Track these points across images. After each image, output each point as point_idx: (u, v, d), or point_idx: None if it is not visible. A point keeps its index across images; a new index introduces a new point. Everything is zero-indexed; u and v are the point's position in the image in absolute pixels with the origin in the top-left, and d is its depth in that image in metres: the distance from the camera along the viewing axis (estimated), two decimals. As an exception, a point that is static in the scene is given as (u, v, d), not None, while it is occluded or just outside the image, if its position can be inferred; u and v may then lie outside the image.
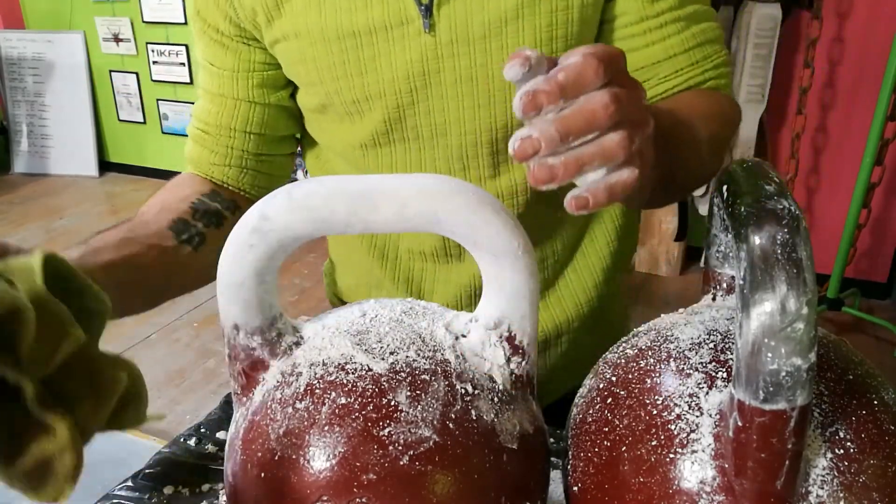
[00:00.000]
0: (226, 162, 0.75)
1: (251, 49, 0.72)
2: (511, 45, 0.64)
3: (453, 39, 0.65)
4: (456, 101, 0.67)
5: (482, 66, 0.66)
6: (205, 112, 0.76)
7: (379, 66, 0.66)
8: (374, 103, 0.68)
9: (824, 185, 2.78)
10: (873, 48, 2.50)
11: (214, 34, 0.73)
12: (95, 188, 4.29)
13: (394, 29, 0.65)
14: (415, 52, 0.65)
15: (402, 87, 0.67)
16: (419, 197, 0.41)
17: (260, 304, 0.44)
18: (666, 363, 0.42)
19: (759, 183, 0.37)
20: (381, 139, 0.71)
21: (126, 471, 0.66)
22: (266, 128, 0.75)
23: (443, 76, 0.66)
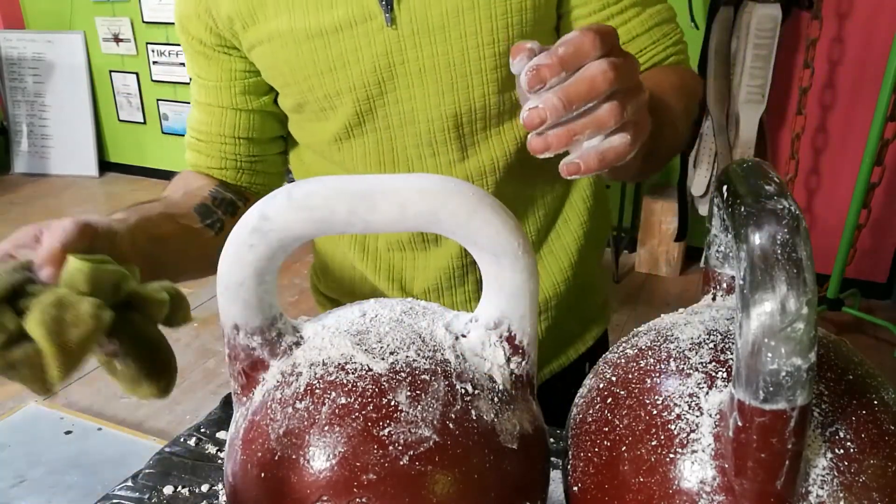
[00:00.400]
0: (222, 165, 0.81)
1: (232, 58, 0.77)
2: (468, 34, 0.68)
3: (414, 31, 0.68)
4: (422, 89, 0.71)
5: (443, 54, 0.69)
6: (196, 121, 0.82)
7: (347, 63, 0.70)
8: (344, 98, 0.72)
9: (824, 185, 2.78)
10: (873, 48, 2.50)
11: (198, 46, 0.77)
12: (95, 188, 4.29)
13: (358, 25, 0.69)
14: (379, 47, 0.69)
15: (370, 79, 0.71)
16: (419, 197, 0.41)
17: (260, 304, 0.44)
18: (666, 363, 0.42)
19: (759, 183, 0.37)
20: (354, 131, 0.75)
21: (126, 471, 0.66)
22: (253, 132, 0.80)
23: (407, 67, 0.70)
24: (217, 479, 0.63)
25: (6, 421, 0.76)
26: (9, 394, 2.25)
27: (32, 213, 3.88)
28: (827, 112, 2.67)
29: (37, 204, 4.04)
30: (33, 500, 0.65)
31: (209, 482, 0.63)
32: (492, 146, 0.75)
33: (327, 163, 0.81)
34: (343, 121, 0.74)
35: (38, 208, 3.96)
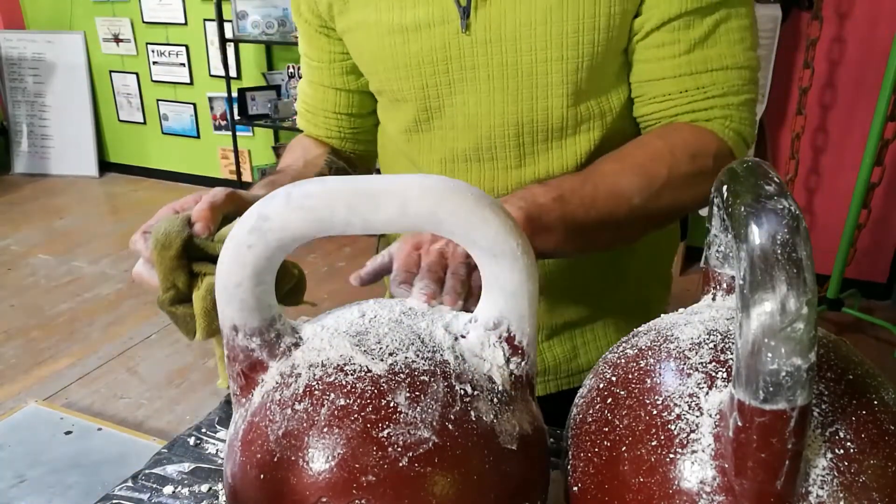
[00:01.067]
0: (329, 135, 0.89)
1: (331, 40, 0.83)
2: (538, 47, 0.70)
3: (487, 39, 0.71)
4: (488, 94, 0.74)
5: (512, 64, 0.71)
6: (306, 95, 0.90)
7: (421, 61, 0.74)
8: (416, 93, 0.76)
9: (824, 185, 2.78)
10: (873, 48, 2.50)
11: (305, 26, 0.84)
12: (95, 188, 4.29)
13: (435, 27, 0.72)
14: (453, 50, 0.72)
15: (441, 80, 0.75)
16: (419, 197, 0.41)
17: (258, 304, 0.44)
18: (666, 363, 0.42)
19: (759, 183, 0.37)
20: (422, 126, 0.79)
21: (126, 471, 0.66)
22: (353, 108, 0.88)
23: (477, 72, 0.73)
24: (217, 479, 0.63)
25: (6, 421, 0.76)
26: (9, 394, 2.25)
27: (32, 213, 3.88)
28: (827, 112, 2.67)
29: (37, 204, 4.03)
30: (33, 500, 0.65)
31: (209, 482, 0.63)
32: (550, 158, 0.76)
33: (397, 151, 0.86)
34: (412, 114, 0.78)
35: (38, 208, 3.96)
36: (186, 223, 0.56)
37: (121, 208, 4.05)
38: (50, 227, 3.70)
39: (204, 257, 0.56)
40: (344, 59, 0.84)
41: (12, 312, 2.83)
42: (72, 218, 3.82)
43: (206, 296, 0.54)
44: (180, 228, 0.55)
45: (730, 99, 0.70)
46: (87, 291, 2.99)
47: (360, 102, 0.87)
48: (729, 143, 0.71)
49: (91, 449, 0.72)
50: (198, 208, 0.58)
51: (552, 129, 0.74)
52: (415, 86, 0.76)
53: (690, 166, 0.69)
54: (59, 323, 2.75)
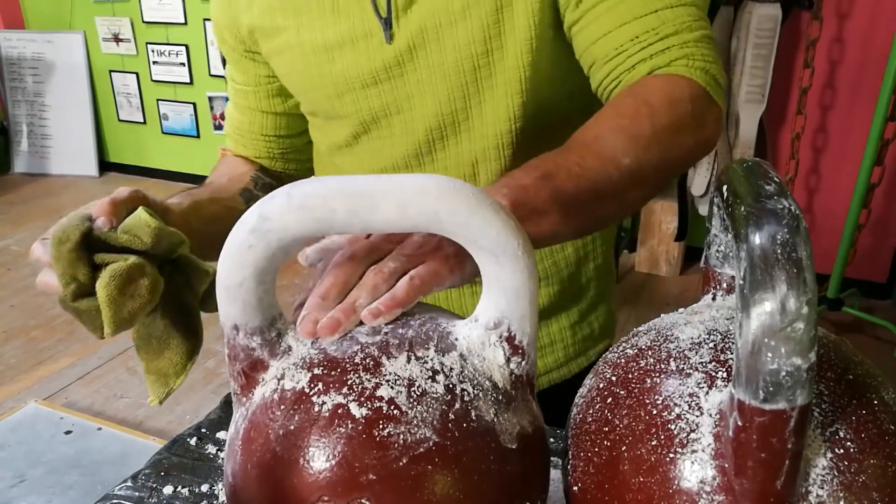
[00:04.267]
0: (258, 155, 0.88)
1: (258, 64, 0.82)
2: (462, 44, 0.70)
3: (412, 45, 0.71)
4: (421, 99, 0.74)
5: (439, 65, 0.72)
6: (234, 119, 0.89)
7: (349, 77, 0.74)
8: (349, 108, 0.76)
9: (824, 185, 2.78)
10: (873, 48, 2.50)
11: (230, 52, 0.83)
12: (95, 188, 4.29)
13: (359, 42, 0.72)
14: (378, 62, 0.72)
15: (372, 92, 0.75)
16: (419, 197, 0.41)
17: (259, 304, 0.44)
18: (666, 363, 0.42)
19: (759, 183, 0.37)
20: (361, 139, 0.79)
21: (126, 471, 0.66)
22: (283, 130, 0.87)
23: (406, 78, 0.73)
24: (217, 479, 0.63)
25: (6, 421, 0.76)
26: (9, 394, 2.25)
27: (32, 213, 3.88)
28: (827, 112, 2.67)
29: (37, 204, 4.03)
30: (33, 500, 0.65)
31: (209, 482, 0.63)
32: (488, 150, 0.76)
33: (332, 166, 0.86)
34: (350, 130, 0.78)
35: (38, 208, 3.96)
36: (86, 218, 0.54)
37: (121, 208, 4.04)
38: (50, 227, 3.70)
39: (106, 248, 0.54)
40: (271, 83, 0.83)
41: (12, 312, 2.83)
42: (72, 218, 3.82)
43: (110, 283, 0.51)
44: (78, 222, 0.53)
45: (684, 36, 0.65)
46: (87, 291, 2.99)
47: (290, 124, 0.87)
48: (700, 83, 0.65)
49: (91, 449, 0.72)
50: (98, 203, 0.56)
51: (487, 123, 0.74)
52: (347, 102, 0.76)
53: (671, 116, 0.63)
54: (60, 323, 2.75)
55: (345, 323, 0.45)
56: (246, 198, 0.80)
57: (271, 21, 0.75)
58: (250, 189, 0.81)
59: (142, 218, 0.54)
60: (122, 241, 0.53)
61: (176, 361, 0.58)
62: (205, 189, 0.75)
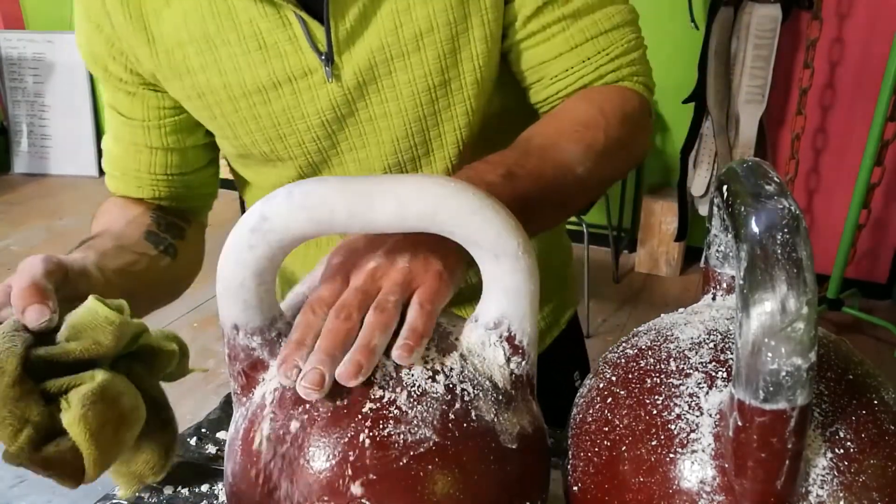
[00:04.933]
0: (155, 196, 0.76)
1: (159, 95, 0.70)
2: (417, 76, 0.65)
3: (360, 82, 0.65)
4: (375, 135, 0.68)
5: (393, 100, 0.66)
6: (117, 158, 0.75)
7: (291, 118, 0.67)
8: (294, 150, 0.69)
9: (824, 185, 2.78)
10: (873, 49, 2.50)
11: (118, 83, 0.70)
12: (95, 188, 4.29)
13: (298, 80, 0.65)
14: (324, 101, 0.66)
15: (320, 133, 0.68)
16: (419, 197, 0.41)
17: (260, 304, 0.44)
18: (666, 363, 0.42)
19: (759, 183, 0.37)
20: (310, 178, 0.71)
21: (126, 471, 0.66)
22: (180, 168, 0.75)
23: (358, 116, 0.67)
24: (217, 479, 0.63)
25: (6, 421, 0.76)
26: (9, 394, 2.25)
27: (32, 213, 3.88)
28: (827, 112, 2.67)
29: (37, 204, 4.03)
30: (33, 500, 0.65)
31: (209, 482, 0.63)
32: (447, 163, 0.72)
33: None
34: (294, 172, 0.71)
35: (38, 208, 3.96)
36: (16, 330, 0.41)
37: (121, 208, 4.04)
38: (50, 227, 3.70)
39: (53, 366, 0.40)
40: (175, 115, 0.71)
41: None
42: (72, 218, 3.82)
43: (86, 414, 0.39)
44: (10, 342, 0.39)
45: (632, 55, 0.68)
46: (87, 291, 2.99)
47: (188, 160, 0.75)
48: (646, 97, 0.70)
49: (91, 449, 0.72)
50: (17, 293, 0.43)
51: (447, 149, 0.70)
52: (291, 144, 0.68)
53: (621, 129, 0.65)
54: (59, 323, 2.74)
55: (366, 365, 0.41)
56: (154, 242, 0.70)
57: (182, 61, 0.65)
58: (154, 231, 0.71)
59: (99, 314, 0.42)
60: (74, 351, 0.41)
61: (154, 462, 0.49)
62: (105, 239, 0.65)
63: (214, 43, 0.64)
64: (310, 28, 0.62)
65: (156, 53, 0.65)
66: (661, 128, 2.98)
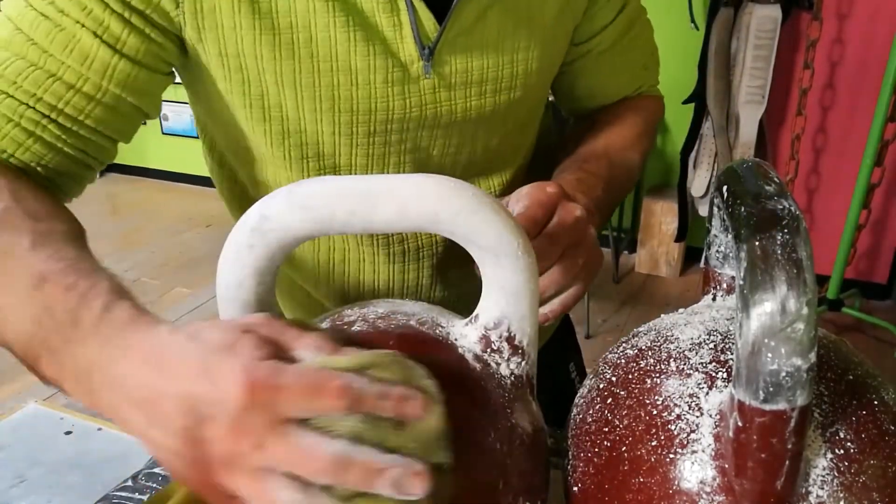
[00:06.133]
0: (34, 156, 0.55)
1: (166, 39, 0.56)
2: (503, 89, 0.65)
3: (451, 84, 0.63)
4: (444, 139, 0.66)
5: (477, 108, 0.65)
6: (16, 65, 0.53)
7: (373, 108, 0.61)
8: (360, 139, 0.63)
9: (824, 185, 2.78)
10: (873, 49, 2.50)
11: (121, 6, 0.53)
12: (95, 188, 4.24)
13: (392, 71, 0.60)
14: (414, 97, 0.62)
15: (395, 126, 0.63)
16: (419, 197, 0.41)
17: (259, 304, 0.44)
18: (666, 363, 0.42)
19: (759, 183, 0.37)
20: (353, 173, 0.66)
21: (126, 471, 0.66)
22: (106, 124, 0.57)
23: (439, 119, 0.64)
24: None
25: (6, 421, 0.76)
26: (9, 394, 2.25)
27: (32, 214, 3.88)
28: (827, 113, 2.67)
29: (37, 204, 4.03)
30: (33, 500, 0.65)
31: (209, 482, 0.63)
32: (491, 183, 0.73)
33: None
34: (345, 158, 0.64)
35: (39, 208, 3.95)
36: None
37: (121, 208, 4.04)
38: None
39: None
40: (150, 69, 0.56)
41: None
42: (72, 218, 3.82)
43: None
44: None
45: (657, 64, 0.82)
46: (87, 291, 2.99)
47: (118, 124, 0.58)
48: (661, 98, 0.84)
49: (91, 449, 0.72)
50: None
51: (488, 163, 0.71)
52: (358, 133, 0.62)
53: (653, 136, 0.81)
54: (59, 323, 2.74)
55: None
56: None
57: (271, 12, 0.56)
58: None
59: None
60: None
61: None
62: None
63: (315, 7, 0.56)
64: (418, 18, 0.59)
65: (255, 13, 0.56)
66: (661, 128, 2.98)
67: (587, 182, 0.63)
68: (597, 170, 0.66)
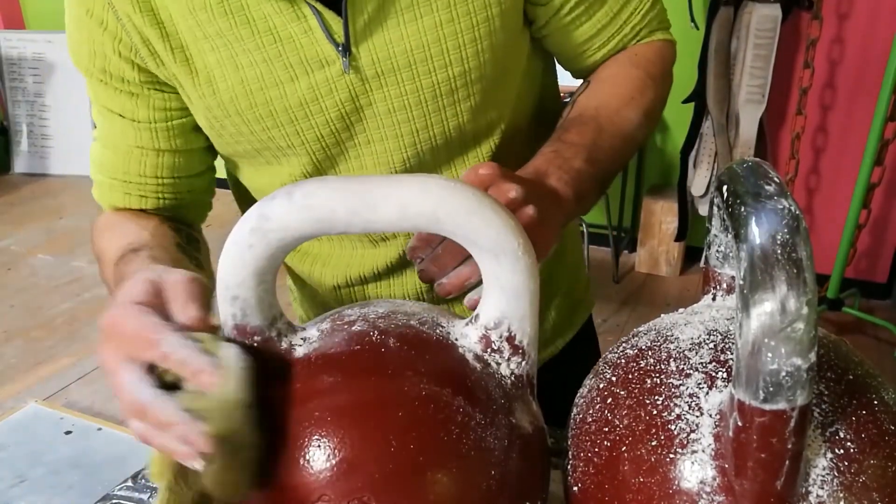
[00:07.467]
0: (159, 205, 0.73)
1: (165, 96, 0.69)
2: (438, 67, 0.65)
3: (378, 73, 0.65)
4: (393, 128, 0.67)
5: (413, 92, 0.66)
6: (120, 165, 0.71)
7: (309, 112, 0.66)
8: (311, 145, 0.68)
9: (824, 185, 2.78)
10: (873, 48, 2.50)
11: (119, 84, 0.68)
12: (95, 188, 4.28)
13: (315, 73, 0.64)
14: (342, 93, 0.65)
15: (338, 125, 0.67)
16: (420, 197, 0.41)
17: (259, 304, 0.44)
18: (666, 363, 0.42)
19: (759, 183, 0.37)
20: (328, 173, 0.71)
21: (126, 471, 0.66)
22: (193, 168, 0.74)
23: (375, 108, 0.66)
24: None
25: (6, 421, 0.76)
26: (9, 394, 2.25)
27: (32, 214, 3.88)
28: (827, 112, 2.67)
29: (37, 204, 4.03)
30: (33, 499, 0.65)
31: (209, 482, 0.63)
32: (467, 162, 0.73)
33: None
34: (311, 167, 0.70)
35: (38, 208, 3.96)
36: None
37: (121, 208, 4.04)
38: (50, 227, 3.70)
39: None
40: (183, 116, 0.70)
41: (12, 312, 2.83)
42: (72, 218, 3.82)
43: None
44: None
45: (658, 6, 0.75)
46: (87, 291, 2.99)
47: (191, 163, 0.73)
48: (672, 39, 0.77)
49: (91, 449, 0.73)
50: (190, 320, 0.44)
51: (466, 140, 0.71)
52: (308, 139, 0.67)
53: (664, 86, 0.74)
54: (60, 323, 2.74)
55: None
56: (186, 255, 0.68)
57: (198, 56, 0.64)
58: (183, 246, 0.69)
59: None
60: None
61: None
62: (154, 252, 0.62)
63: (228, 39, 0.63)
64: (325, 20, 0.62)
65: (170, 49, 0.64)
66: (661, 128, 2.98)
67: (563, 154, 0.62)
68: (579, 139, 0.64)
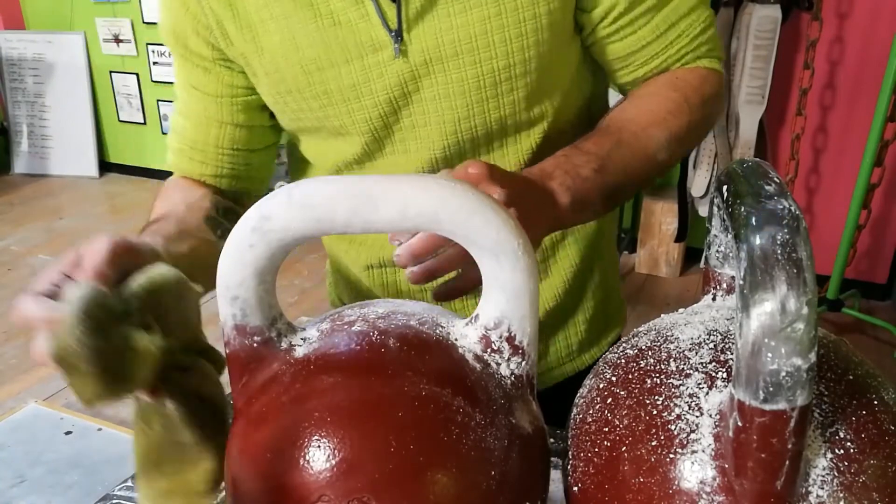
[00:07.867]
0: (218, 173, 0.80)
1: (233, 73, 0.75)
2: (483, 59, 0.67)
3: (427, 60, 0.68)
4: (437, 115, 0.71)
5: (458, 81, 0.69)
6: (185, 131, 0.79)
7: (360, 93, 0.70)
8: (361, 126, 0.72)
9: (824, 185, 2.78)
10: (873, 49, 2.50)
11: (197, 59, 0.75)
12: (95, 188, 4.29)
13: (368, 56, 0.68)
14: (391, 77, 0.69)
15: (386, 108, 0.71)
16: (420, 197, 0.41)
17: (260, 304, 0.44)
18: (666, 363, 0.42)
19: (759, 183, 0.37)
20: (375, 155, 0.75)
21: (126, 471, 0.66)
22: (248, 144, 0.79)
23: (422, 94, 0.70)
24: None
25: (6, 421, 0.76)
26: (9, 394, 2.25)
27: (32, 213, 3.88)
28: (827, 113, 2.67)
29: (37, 204, 4.03)
30: (33, 500, 0.65)
31: (209, 482, 0.63)
32: (507, 156, 0.75)
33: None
34: (358, 147, 0.74)
35: (39, 208, 3.96)
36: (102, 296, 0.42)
37: (121, 208, 4.05)
38: (50, 227, 3.70)
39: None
40: (248, 94, 0.76)
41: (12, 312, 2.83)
42: (72, 218, 3.82)
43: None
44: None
45: (707, 33, 0.74)
46: (87, 291, 2.99)
47: (256, 138, 0.80)
48: (721, 71, 0.76)
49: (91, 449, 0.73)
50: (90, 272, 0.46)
51: (507, 132, 0.73)
52: (357, 119, 0.71)
53: (701, 113, 0.73)
54: (59, 323, 2.74)
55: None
56: (213, 226, 0.73)
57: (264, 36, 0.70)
58: (214, 217, 0.74)
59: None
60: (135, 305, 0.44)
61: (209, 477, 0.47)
62: (168, 223, 0.67)
63: (291, 21, 0.68)
64: (381, 5, 0.66)
65: (240, 28, 0.70)
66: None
67: (573, 160, 0.63)
68: (595, 148, 0.65)
